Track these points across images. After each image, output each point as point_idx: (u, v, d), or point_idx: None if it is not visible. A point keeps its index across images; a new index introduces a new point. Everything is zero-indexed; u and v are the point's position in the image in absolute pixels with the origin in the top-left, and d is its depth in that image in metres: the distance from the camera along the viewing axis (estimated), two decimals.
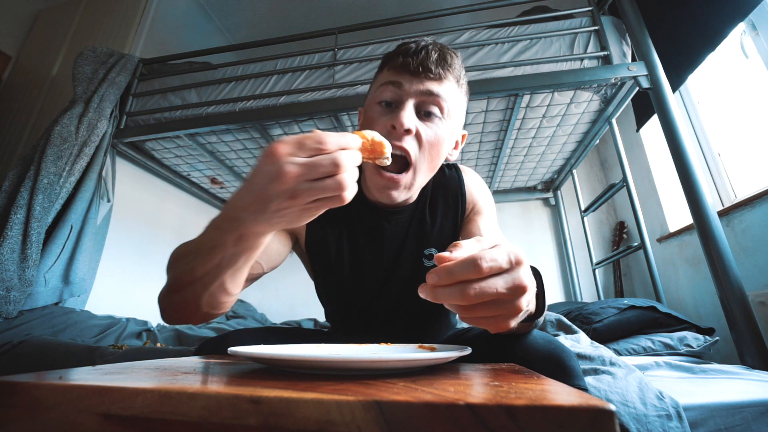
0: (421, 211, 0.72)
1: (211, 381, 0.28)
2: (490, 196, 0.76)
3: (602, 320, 1.21)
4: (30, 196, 1.41)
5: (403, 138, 0.57)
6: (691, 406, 0.71)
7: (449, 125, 0.61)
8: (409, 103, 0.58)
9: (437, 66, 0.58)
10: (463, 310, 0.31)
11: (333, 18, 2.87)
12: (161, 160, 2.12)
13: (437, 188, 0.74)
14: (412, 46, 0.60)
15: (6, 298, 1.27)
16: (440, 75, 0.58)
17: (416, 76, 0.58)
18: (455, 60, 0.61)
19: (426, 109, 0.59)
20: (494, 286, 0.30)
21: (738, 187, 1.58)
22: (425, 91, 0.58)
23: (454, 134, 0.64)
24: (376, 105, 0.61)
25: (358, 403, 0.20)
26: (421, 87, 0.58)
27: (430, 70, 0.58)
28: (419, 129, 0.58)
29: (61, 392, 0.23)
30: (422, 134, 0.59)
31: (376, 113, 0.60)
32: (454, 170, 0.75)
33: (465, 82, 0.65)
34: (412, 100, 0.58)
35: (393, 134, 0.57)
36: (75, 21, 2.38)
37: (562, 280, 2.46)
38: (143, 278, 2.07)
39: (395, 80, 0.59)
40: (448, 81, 0.60)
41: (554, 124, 1.80)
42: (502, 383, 0.28)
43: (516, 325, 0.34)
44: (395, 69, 0.60)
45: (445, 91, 0.59)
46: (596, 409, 0.19)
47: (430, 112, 0.59)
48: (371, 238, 0.71)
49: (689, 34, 1.37)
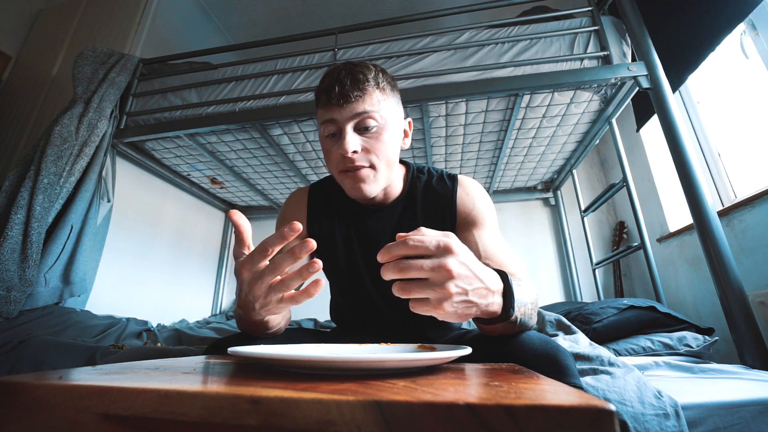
0: (413, 215, 0.77)
1: (211, 381, 0.28)
2: (488, 205, 0.77)
3: (602, 320, 1.21)
4: (30, 196, 1.41)
5: (354, 159, 0.66)
6: (690, 405, 0.71)
7: (388, 125, 0.69)
8: (348, 129, 0.66)
9: (353, 89, 0.65)
10: (401, 289, 0.38)
11: (333, 18, 2.87)
12: (161, 160, 2.12)
13: (429, 195, 0.78)
14: (327, 83, 0.67)
15: (6, 298, 1.27)
16: (359, 95, 0.65)
17: (342, 106, 0.65)
18: (368, 72, 0.68)
19: (363, 126, 0.67)
20: (420, 264, 0.37)
21: (738, 187, 1.58)
22: (353, 114, 0.66)
23: (397, 129, 0.72)
24: (325, 139, 0.70)
25: (358, 403, 0.20)
26: (350, 113, 0.66)
27: (350, 97, 0.65)
28: (363, 144, 0.67)
29: (61, 392, 0.23)
30: (368, 146, 0.67)
31: (327, 146, 0.70)
32: (451, 181, 0.79)
33: (386, 81, 0.71)
34: (348, 125, 0.66)
35: (346, 159, 0.66)
36: (75, 21, 2.38)
37: (562, 280, 2.46)
38: (143, 278, 2.07)
39: (328, 117, 0.67)
40: (369, 94, 0.66)
41: (554, 124, 1.80)
42: (502, 383, 0.28)
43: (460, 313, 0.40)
44: (325, 107, 0.67)
45: (370, 104, 0.66)
46: (596, 409, 0.19)
47: (367, 127, 0.67)
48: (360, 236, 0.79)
49: (689, 34, 1.37)
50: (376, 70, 0.70)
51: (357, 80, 0.66)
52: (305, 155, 2.02)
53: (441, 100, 1.54)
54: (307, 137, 1.84)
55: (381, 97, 0.68)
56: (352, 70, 0.67)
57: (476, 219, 0.74)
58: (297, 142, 1.89)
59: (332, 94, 0.65)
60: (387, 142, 0.68)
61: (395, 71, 1.56)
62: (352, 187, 0.69)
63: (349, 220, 0.80)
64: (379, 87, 0.68)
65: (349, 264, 0.80)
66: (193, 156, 2.06)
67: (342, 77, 0.66)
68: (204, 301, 2.63)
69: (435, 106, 1.64)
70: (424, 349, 0.46)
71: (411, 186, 0.79)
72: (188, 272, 2.45)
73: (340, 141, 0.67)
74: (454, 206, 0.75)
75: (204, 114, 1.71)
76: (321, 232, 0.81)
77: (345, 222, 0.80)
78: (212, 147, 1.96)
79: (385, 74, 0.71)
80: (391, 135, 0.69)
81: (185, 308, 2.37)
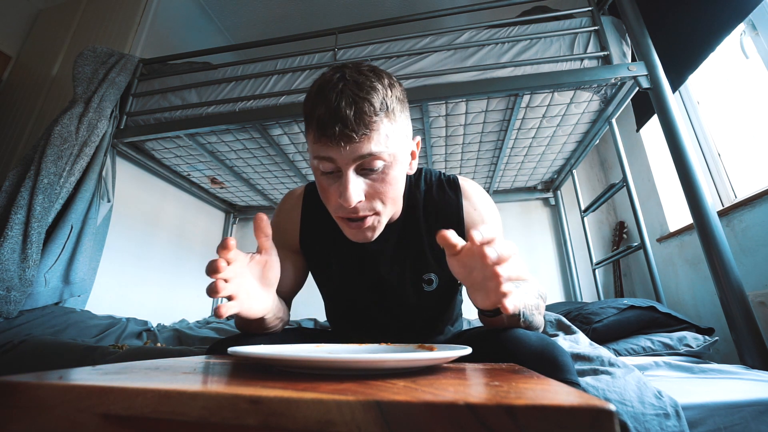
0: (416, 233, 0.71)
1: (210, 381, 0.28)
2: (494, 216, 0.73)
3: (602, 320, 1.21)
4: (30, 196, 1.41)
5: (357, 210, 0.58)
6: (690, 406, 0.71)
7: (396, 162, 0.58)
8: (350, 173, 0.55)
9: (358, 127, 0.52)
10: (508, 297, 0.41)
11: (333, 18, 2.87)
12: (161, 160, 2.12)
13: (431, 208, 0.71)
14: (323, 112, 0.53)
15: (6, 298, 1.27)
16: (365, 132, 0.53)
17: (342, 147, 0.53)
18: (374, 96, 0.54)
19: (367, 168, 0.56)
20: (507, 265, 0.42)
21: (738, 187, 1.58)
22: (357, 156, 0.54)
23: (405, 160, 0.62)
24: (319, 173, 0.58)
25: (358, 403, 0.20)
26: (354, 155, 0.54)
27: (353, 138, 0.52)
28: (368, 189, 0.57)
29: (61, 392, 0.23)
30: (372, 191, 0.58)
31: (324, 183, 0.59)
32: (454, 192, 0.72)
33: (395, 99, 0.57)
34: (350, 167, 0.55)
35: (346, 207, 0.56)
36: (75, 21, 2.38)
37: (562, 280, 2.46)
38: (143, 278, 2.07)
39: (325, 155, 0.55)
40: (376, 130, 0.54)
41: (554, 124, 1.80)
42: (502, 383, 0.28)
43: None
44: (320, 142, 0.54)
45: (377, 143, 0.54)
46: (596, 409, 0.19)
47: (373, 168, 0.56)
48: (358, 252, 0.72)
49: (689, 34, 1.37)
50: (384, 89, 0.55)
51: (362, 113, 0.52)
52: (305, 155, 2.02)
53: (441, 100, 1.54)
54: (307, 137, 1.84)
55: (389, 129, 0.56)
56: (356, 97, 0.52)
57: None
58: (297, 142, 1.89)
59: (331, 133, 0.52)
60: (394, 183, 0.59)
61: (395, 71, 1.56)
62: (354, 236, 0.62)
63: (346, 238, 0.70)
64: (388, 113, 0.55)
65: (344, 279, 0.75)
66: (193, 156, 2.06)
67: (343, 108, 0.52)
68: (204, 301, 2.63)
69: (435, 106, 1.64)
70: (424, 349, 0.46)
71: (411, 198, 0.72)
72: (188, 272, 2.45)
73: (340, 186, 0.56)
74: (461, 223, 0.70)
75: (204, 114, 1.71)
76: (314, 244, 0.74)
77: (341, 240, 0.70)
78: (212, 147, 1.96)
79: (394, 88, 0.58)
80: (398, 171, 0.59)
81: (185, 308, 2.37)
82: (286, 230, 0.76)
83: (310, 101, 0.56)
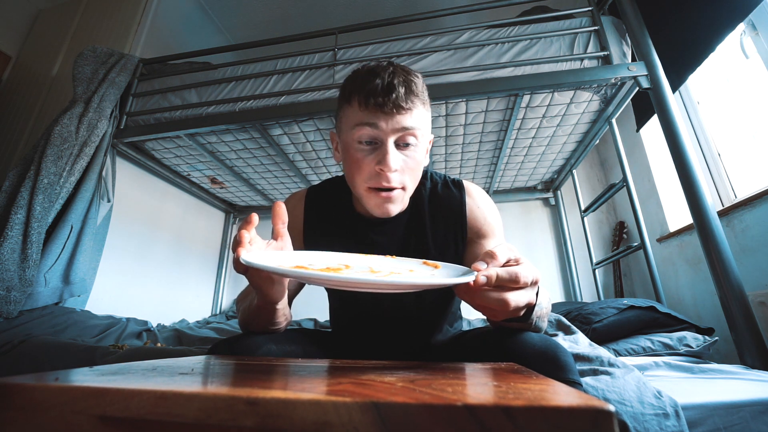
0: (420, 227, 0.73)
1: (207, 382, 0.28)
2: (496, 216, 0.75)
3: (602, 320, 1.21)
4: (30, 196, 1.41)
5: (391, 179, 0.62)
6: (690, 406, 0.71)
7: (421, 144, 0.64)
8: (390, 143, 0.61)
9: (407, 100, 0.59)
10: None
11: (333, 18, 2.87)
12: (161, 160, 2.12)
13: (435, 205, 0.74)
14: (378, 83, 0.59)
15: (6, 298, 1.27)
16: (411, 107, 0.60)
17: (390, 115, 0.59)
18: (418, 82, 0.62)
19: (404, 142, 0.62)
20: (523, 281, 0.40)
21: (738, 187, 1.58)
22: (400, 128, 0.60)
23: (426, 145, 0.68)
24: (355, 144, 0.63)
25: (355, 405, 0.20)
26: (397, 125, 0.60)
27: (402, 107, 0.59)
28: (402, 162, 0.62)
29: (57, 394, 0.23)
30: (405, 165, 0.63)
31: (359, 154, 0.63)
32: (458, 190, 0.74)
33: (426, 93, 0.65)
34: (391, 138, 0.61)
35: (381, 175, 0.61)
36: (75, 21, 2.38)
37: (562, 280, 2.45)
38: (143, 278, 2.07)
39: (370, 121, 0.60)
40: (417, 108, 0.61)
41: (554, 124, 1.80)
42: (501, 383, 0.28)
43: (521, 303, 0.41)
44: (368, 109, 0.60)
45: (416, 121, 0.61)
46: (595, 410, 0.19)
47: (408, 143, 0.62)
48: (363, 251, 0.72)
49: (689, 34, 1.37)
50: (422, 80, 0.64)
51: (410, 90, 0.60)
52: (305, 155, 2.01)
53: (441, 100, 1.54)
54: (307, 137, 1.84)
55: (424, 113, 0.63)
56: (406, 77, 0.61)
57: (487, 232, 0.72)
58: (297, 142, 1.89)
59: (384, 100, 0.58)
60: (419, 163, 0.64)
61: None
62: (379, 206, 0.64)
63: (351, 232, 0.74)
64: (424, 101, 0.63)
65: None
66: (193, 156, 2.06)
67: (396, 82, 0.59)
68: (204, 301, 2.63)
69: (435, 106, 1.64)
70: (428, 266, 0.50)
71: (416, 194, 0.74)
72: (188, 272, 2.45)
73: (379, 154, 0.61)
74: (464, 218, 0.72)
75: (204, 114, 1.71)
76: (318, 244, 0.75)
77: (346, 235, 0.74)
78: (212, 147, 1.96)
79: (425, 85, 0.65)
80: (421, 155, 0.65)
81: (185, 308, 2.37)
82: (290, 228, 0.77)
83: (359, 78, 0.62)
